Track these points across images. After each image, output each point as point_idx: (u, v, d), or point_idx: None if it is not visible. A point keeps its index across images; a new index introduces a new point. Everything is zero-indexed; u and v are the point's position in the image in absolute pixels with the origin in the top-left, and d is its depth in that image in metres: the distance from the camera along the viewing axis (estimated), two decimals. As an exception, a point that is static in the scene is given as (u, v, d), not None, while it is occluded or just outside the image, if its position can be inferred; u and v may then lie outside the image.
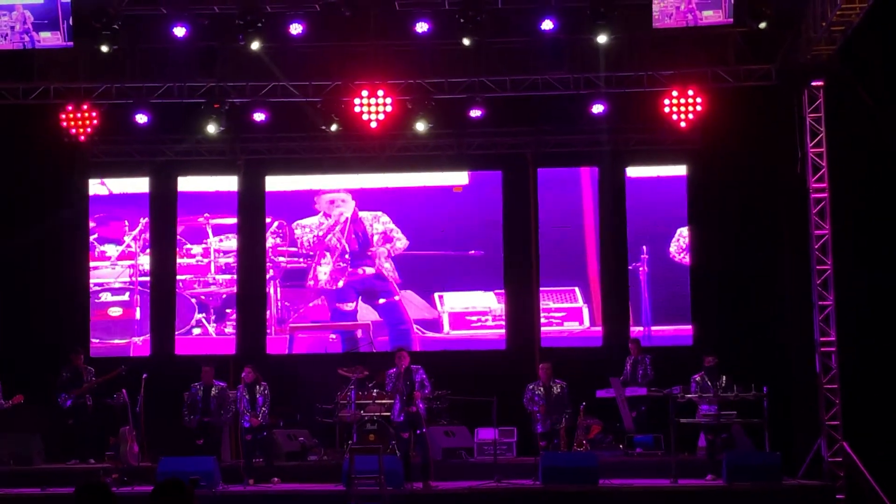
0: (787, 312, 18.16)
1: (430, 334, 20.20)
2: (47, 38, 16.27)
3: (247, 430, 16.37)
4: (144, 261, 20.43)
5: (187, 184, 20.67)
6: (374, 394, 17.27)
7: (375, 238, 20.30)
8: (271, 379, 17.14)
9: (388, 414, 16.35)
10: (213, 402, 16.73)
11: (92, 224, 20.48)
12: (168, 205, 20.57)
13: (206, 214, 20.60)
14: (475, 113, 18.44)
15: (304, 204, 20.56)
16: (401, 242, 20.24)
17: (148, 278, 20.40)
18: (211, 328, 20.40)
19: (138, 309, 20.39)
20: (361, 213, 20.37)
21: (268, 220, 20.51)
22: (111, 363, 18.30)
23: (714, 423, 16.02)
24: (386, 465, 14.42)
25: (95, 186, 20.54)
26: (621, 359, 18.30)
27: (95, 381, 17.59)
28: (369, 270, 20.31)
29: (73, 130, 18.40)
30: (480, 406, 16.78)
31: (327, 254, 20.32)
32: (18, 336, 19.07)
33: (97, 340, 20.19)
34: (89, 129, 18.44)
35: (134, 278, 20.46)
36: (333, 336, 20.36)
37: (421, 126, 18.26)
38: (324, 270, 20.33)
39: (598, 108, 18.47)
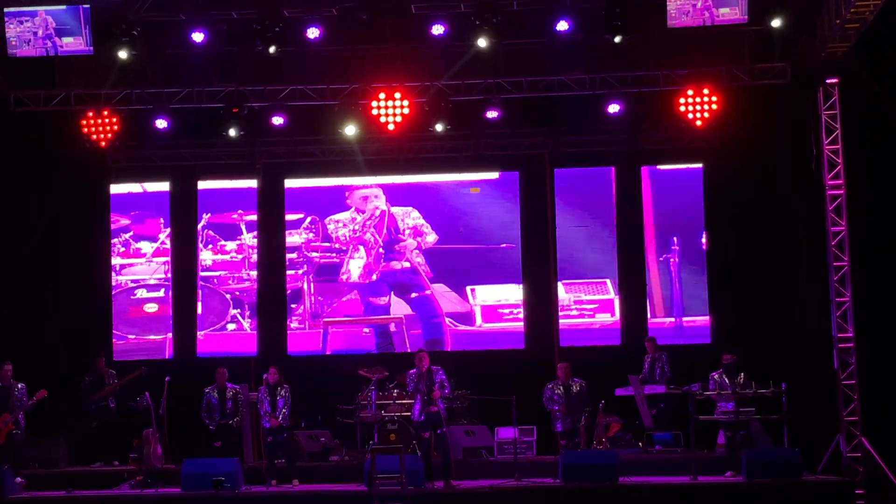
0: (804, 309, 18.10)
1: (462, 327, 20.20)
2: (70, 44, 16.42)
3: (267, 432, 16.38)
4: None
5: (220, 181, 20.73)
6: (395, 394, 17.24)
7: (407, 232, 20.32)
8: (292, 379, 17.10)
9: (409, 414, 16.31)
10: (230, 404, 16.72)
11: (126, 221, 20.59)
12: (188, 208, 20.57)
13: (239, 211, 20.64)
14: (492, 114, 18.46)
15: (335, 199, 20.58)
16: (431, 237, 20.27)
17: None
18: (246, 323, 20.46)
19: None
20: (393, 209, 20.41)
21: (300, 215, 20.55)
22: (145, 360, 18.52)
23: (733, 419, 15.93)
24: (407, 464, 14.39)
25: (131, 185, 20.63)
26: (640, 356, 18.23)
27: (117, 384, 17.63)
28: (402, 265, 20.32)
29: (94, 136, 18.54)
30: (500, 405, 16.75)
31: (361, 248, 20.36)
32: (44, 338, 19.07)
33: (133, 336, 20.32)
34: (110, 135, 18.57)
35: (169, 275, 20.50)
36: (367, 330, 20.36)
37: (439, 127, 18.28)
38: (357, 265, 20.36)
39: (613, 108, 18.43)
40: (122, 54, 17.00)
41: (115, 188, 20.55)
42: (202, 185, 20.65)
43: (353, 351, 20.06)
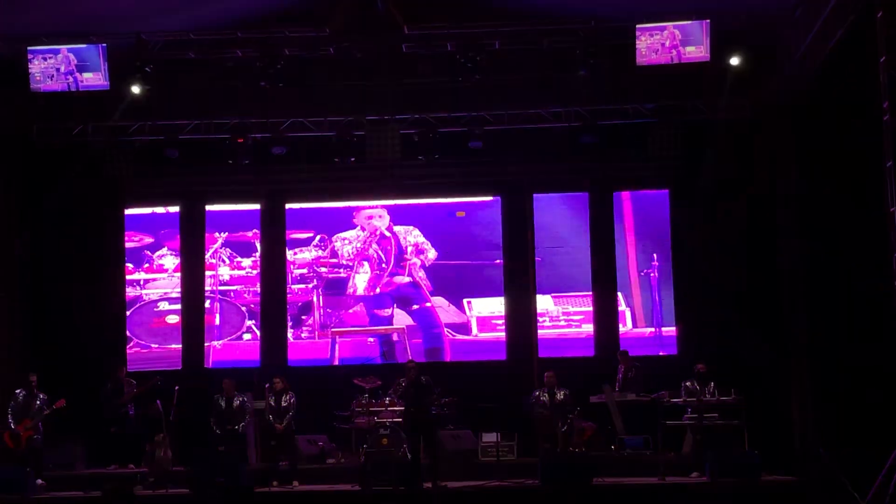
0: (763, 323, 18.10)
1: (459, 337, 20.16)
2: (89, 79, 16.45)
3: (272, 436, 16.31)
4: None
5: (227, 205, 20.73)
6: (387, 401, 17.18)
7: (409, 249, 20.31)
8: (293, 387, 17.08)
9: (400, 420, 16.26)
10: (236, 411, 16.68)
11: (150, 239, 20.56)
12: (197, 229, 20.53)
13: (254, 230, 20.62)
14: (475, 144, 18.51)
15: (343, 219, 20.57)
16: (431, 253, 20.24)
17: (209, 288, 20.55)
18: (259, 334, 20.43)
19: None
20: (395, 227, 20.41)
21: (310, 234, 20.55)
22: (159, 370, 18.48)
23: (698, 424, 15.92)
24: (398, 466, 14.32)
25: (154, 208, 20.65)
26: (612, 366, 18.20)
27: (136, 392, 17.55)
28: (404, 279, 20.30)
29: (110, 164, 18.53)
30: (484, 411, 16.83)
31: (366, 263, 20.35)
32: (65, 349, 18.95)
33: (156, 346, 20.29)
34: (125, 163, 18.58)
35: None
36: (371, 339, 20.34)
37: (427, 157, 18.35)
38: (362, 279, 20.35)
39: (588, 139, 18.49)
40: (136, 89, 17.04)
41: (136, 210, 20.52)
42: (210, 208, 20.62)
43: (359, 360, 20.00)
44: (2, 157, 18.59)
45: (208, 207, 20.57)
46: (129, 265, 20.43)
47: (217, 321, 20.49)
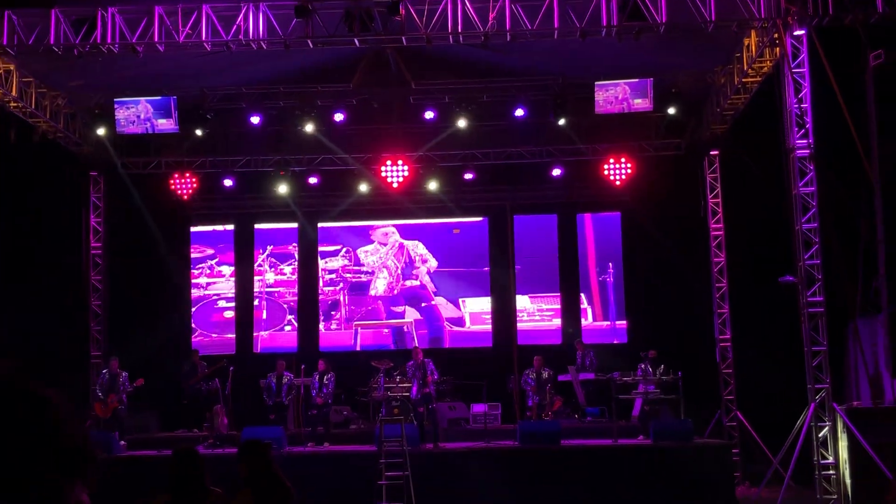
0: (695, 318, 18.20)
1: (456, 328, 20.39)
2: (163, 124, 16.45)
3: (313, 406, 16.42)
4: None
5: (271, 224, 20.83)
6: (398, 379, 17.26)
7: (417, 259, 20.48)
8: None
9: (408, 394, 16.34)
10: (285, 388, 16.76)
11: (212, 251, 20.78)
12: (248, 244, 20.73)
13: (293, 244, 20.79)
14: (468, 176, 18.67)
15: (363, 235, 20.75)
16: (434, 262, 20.46)
17: (257, 290, 20.76)
18: (297, 326, 20.62)
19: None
20: (406, 242, 20.59)
21: (338, 247, 20.74)
22: (218, 355, 18.50)
23: (644, 398, 15.98)
24: (406, 431, 14.39)
25: (214, 226, 20.80)
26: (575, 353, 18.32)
27: (207, 372, 17.59)
28: (414, 283, 20.48)
29: (179, 191, 18.80)
30: (474, 387, 16.93)
31: (385, 270, 20.54)
32: (143, 338, 18.97)
33: (215, 335, 20.49)
34: (190, 191, 18.87)
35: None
36: (386, 331, 20.52)
37: (433, 186, 18.50)
38: (381, 283, 20.57)
39: (556, 172, 18.66)
40: (199, 132, 17.14)
41: (200, 228, 20.70)
42: (258, 226, 20.78)
43: (376, 347, 20.12)
44: (94, 185, 18.82)
45: (256, 226, 20.80)
46: (195, 271, 20.66)
47: (263, 316, 20.71)
